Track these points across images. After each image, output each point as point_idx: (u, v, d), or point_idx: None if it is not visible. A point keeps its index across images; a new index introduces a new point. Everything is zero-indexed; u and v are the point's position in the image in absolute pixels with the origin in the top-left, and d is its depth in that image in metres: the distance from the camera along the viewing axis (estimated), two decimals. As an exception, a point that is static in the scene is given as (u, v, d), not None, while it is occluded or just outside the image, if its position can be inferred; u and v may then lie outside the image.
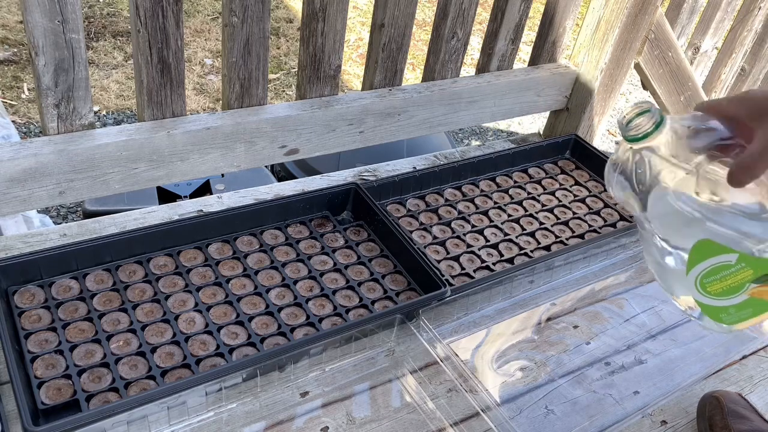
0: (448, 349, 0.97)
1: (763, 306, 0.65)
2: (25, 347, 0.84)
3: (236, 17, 1.06)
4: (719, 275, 0.63)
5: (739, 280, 0.63)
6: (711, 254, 0.63)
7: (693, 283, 0.65)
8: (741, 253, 0.61)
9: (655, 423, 0.94)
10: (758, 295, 0.63)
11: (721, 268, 0.63)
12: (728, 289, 0.64)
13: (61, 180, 1.02)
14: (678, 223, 0.63)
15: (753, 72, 1.85)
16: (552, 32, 1.48)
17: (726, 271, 0.63)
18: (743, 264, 0.62)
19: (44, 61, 0.94)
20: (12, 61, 2.77)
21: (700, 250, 0.63)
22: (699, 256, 0.63)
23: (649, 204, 0.64)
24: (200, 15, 3.35)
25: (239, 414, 0.85)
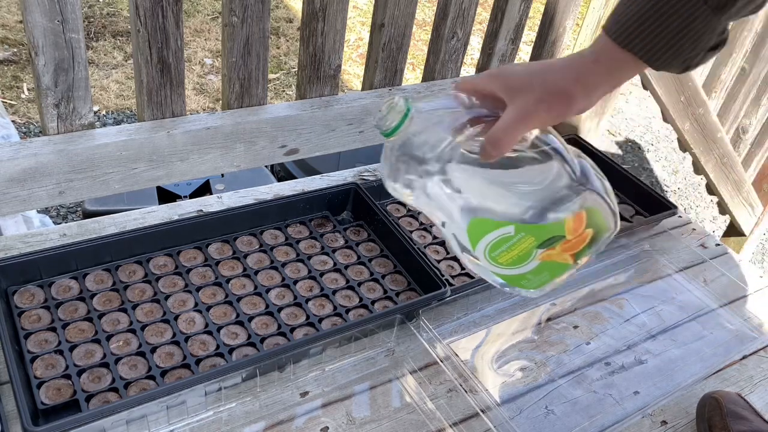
0: (448, 349, 0.97)
1: (558, 268, 0.66)
2: (24, 347, 0.84)
3: (236, 17, 1.06)
4: (504, 246, 0.64)
5: (525, 248, 0.64)
6: (488, 230, 0.64)
7: (484, 257, 0.66)
8: (515, 224, 0.63)
9: (655, 423, 0.93)
10: (548, 259, 0.65)
11: (504, 240, 0.64)
12: (518, 257, 0.65)
13: (60, 180, 1.02)
14: (448, 207, 0.64)
15: (753, 72, 1.85)
16: (552, 32, 1.48)
17: (509, 242, 0.64)
18: (522, 233, 0.63)
19: (44, 60, 0.94)
20: (12, 61, 2.77)
21: (476, 228, 0.64)
22: (477, 233, 0.64)
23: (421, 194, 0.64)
24: (200, 15, 3.35)
25: (239, 414, 0.85)
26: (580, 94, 0.59)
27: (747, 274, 1.24)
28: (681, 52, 0.57)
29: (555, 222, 0.63)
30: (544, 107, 0.58)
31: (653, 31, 0.56)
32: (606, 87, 0.60)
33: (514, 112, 0.59)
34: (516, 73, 0.61)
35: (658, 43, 0.56)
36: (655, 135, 3.41)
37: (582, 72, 0.59)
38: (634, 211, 1.30)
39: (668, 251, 1.25)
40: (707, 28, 0.56)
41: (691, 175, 3.13)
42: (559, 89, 0.58)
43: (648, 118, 3.53)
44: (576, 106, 0.60)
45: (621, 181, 1.35)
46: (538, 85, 0.59)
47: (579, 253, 0.65)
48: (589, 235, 0.64)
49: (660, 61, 0.57)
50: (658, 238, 1.28)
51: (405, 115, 0.61)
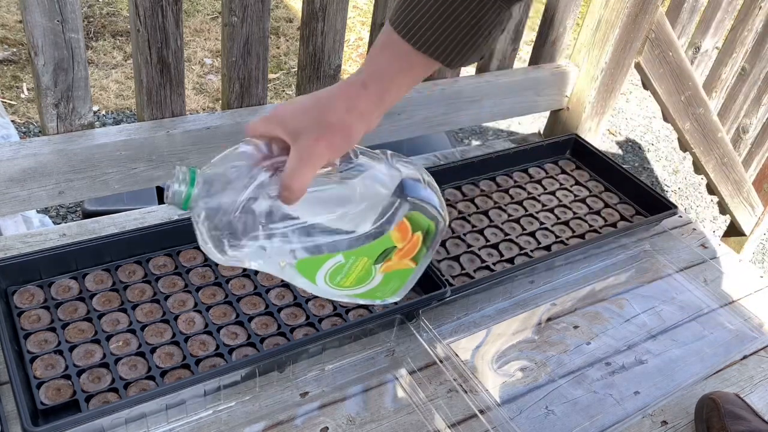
0: (448, 349, 0.97)
1: (403, 273, 0.67)
2: (24, 347, 0.84)
3: (236, 17, 1.06)
4: (342, 273, 0.65)
5: (363, 268, 0.65)
6: (319, 265, 0.64)
7: (328, 287, 0.67)
8: (343, 252, 0.63)
9: (655, 423, 0.93)
10: (389, 270, 0.66)
11: (339, 268, 0.65)
12: (360, 278, 0.66)
13: (60, 180, 1.02)
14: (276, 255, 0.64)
15: (753, 72, 1.85)
16: (552, 32, 1.48)
17: (344, 268, 0.65)
18: (353, 257, 0.64)
19: (43, 60, 0.94)
20: (11, 61, 2.77)
21: (307, 266, 0.65)
22: (310, 270, 0.65)
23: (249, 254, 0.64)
24: (200, 14, 3.35)
25: (239, 414, 0.85)
26: (356, 123, 0.59)
27: (747, 274, 1.24)
28: (476, 49, 0.58)
29: (381, 238, 0.63)
30: (324, 145, 0.58)
31: (445, 31, 0.56)
32: (380, 109, 0.60)
33: (297, 155, 0.58)
34: (291, 114, 0.60)
35: (451, 44, 0.56)
36: (655, 135, 3.41)
37: (352, 101, 0.58)
38: (634, 211, 1.30)
39: (668, 251, 1.25)
40: (498, 20, 0.57)
41: (691, 175, 3.13)
42: (334, 124, 0.58)
43: (648, 118, 3.53)
44: (356, 136, 0.60)
45: (621, 181, 1.35)
46: (314, 124, 0.58)
47: (417, 256, 0.66)
48: (420, 238, 0.65)
49: (456, 60, 0.58)
50: (658, 238, 1.28)
51: (191, 182, 0.61)
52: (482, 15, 0.56)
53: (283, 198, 0.59)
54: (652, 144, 3.34)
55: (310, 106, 0.59)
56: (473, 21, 0.56)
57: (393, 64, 0.59)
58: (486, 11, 0.56)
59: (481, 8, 0.55)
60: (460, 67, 0.60)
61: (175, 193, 0.60)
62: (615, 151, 3.21)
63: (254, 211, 0.60)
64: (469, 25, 0.56)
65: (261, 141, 0.62)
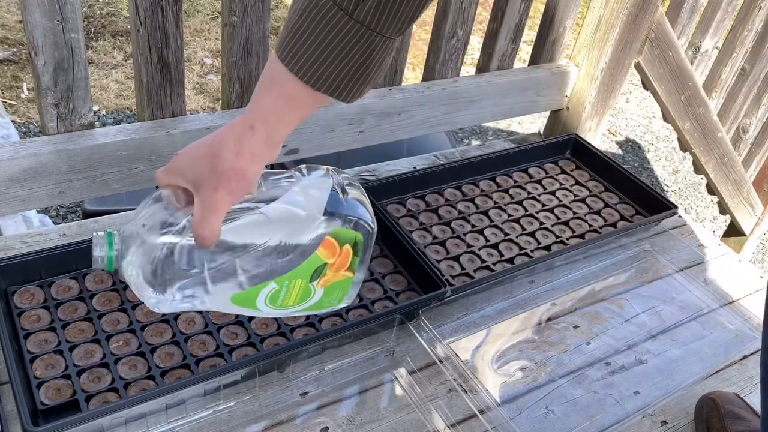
0: (448, 349, 0.97)
1: (343, 283, 0.68)
2: (24, 347, 0.84)
3: (236, 17, 1.06)
4: (281, 296, 0.66)
5: (301, 288, 0.66)
6: (254, 295, 0.65)
7: (272, 310, 0.68)
8: (274, 280, 0.64)
9: (655, 423, 0.93)
10: (328, 284, 0.67)
11: (275, 293, 0.66)
12: (301, 296, 0.67)
13: (60, 180, 1.02)
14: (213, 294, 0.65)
15: (753, 72, 1.85)
16: (552, 32, 1.48)
17: (281, 292, 0.66)
18: (287, 281, 0.65)
19: (44, 60, 0.94)
20: (11, 61, 2.77)
21: (243, 299, 0.66)
22: (248, 301, 0.66)
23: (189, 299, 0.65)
24: (200, 14, 3.35)
25: (239, 413, 0.85)
26: (249, 165, 0.59)
27: (747, 274, 1.24)
28: (370, 81, 0.58)
29: (309, 258, 0.64)
30: (223, 192, 0.58)
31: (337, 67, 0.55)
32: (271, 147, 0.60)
33: (200, 205, 0.59)
34: (189, 164, 0.60)
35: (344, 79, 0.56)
36: (655, 135, 3.41)
37: (241, 144, 0.58)
38: (634, 211, 1.30)
39: (668, 251, 1.25)
40: (388, 50, 0.57)
41: (691, 175, 3.13)
42: (227, 171, 0.58)
43: (648, 118, 3.53)
44: (253, 177, 0.60)
45: (621, 181, 1.35)
46: (210, 173, 0.58)
47: (351, 266, 0.67)
48: (349, 250, 0.66)
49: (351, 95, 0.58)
50: (658, 238, 1.28)
51: (110, 245, 0.62)
52: (372, 48, 0.55)
53: (199, 245, 0.61)
54: (652, 144, 3.34)
55: (204, 154, 0.59)
56: (364, 55, 0.55)
57: (279, 103, 0.58)
58: (376, 45, 0.55)
59: (370, 43, 0.55)
60: (356, 100, 0.59)
61: (97, 259, 0.63)
62: (615, 151, 3.21)
63: (175, 260, 0.62)
64: (361, 59, 0.55)
65: (170, 191, 0.64)
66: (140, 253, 0.62)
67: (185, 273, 0.63)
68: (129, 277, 0.64)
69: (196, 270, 0.63)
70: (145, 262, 0.62)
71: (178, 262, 0.62)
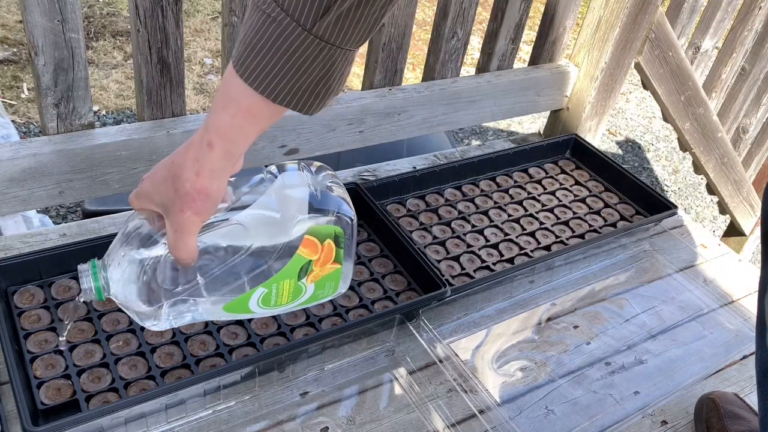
0: (448, 349, 0.97)
1: (332, 275, 0.69)
2: (24, 347, 0.84)
3: (236, 17, 1.06)
4: (272, 297, 0.67)
5: (291, 287, 0.67)
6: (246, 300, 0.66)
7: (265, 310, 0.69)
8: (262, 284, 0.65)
9: (655, 423, 0.93)
10: (317, 279, 0.68)
11: (267, 296, 0.66)
12: (293, 294, 0.68)
13: (60, 180, 1.02)
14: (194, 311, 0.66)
15: (753, 72, 1.85)
16: (552, 32, 1.48)
17: (272, 294, 0.67)
18: (275, 284, 0.66)
19: (44, 60, 0.94)
20: (11, 61, 2.77)
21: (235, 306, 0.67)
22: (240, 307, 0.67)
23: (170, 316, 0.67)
24: (200, 15, 3.35)
25: (239, 413, 0.85)
26: (211, 183, 0.59)
27: (747, 274, 1.24)
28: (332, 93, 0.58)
29: (292, 259, 0.65)
30: (190, 213, 0.58)
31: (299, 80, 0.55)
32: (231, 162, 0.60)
33: (170, 228, 0.60)
34: (154, 188, 0.61)
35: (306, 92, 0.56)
36: (655, 135, 3.41)
37: (201, 163, 0.58)
38: (634, 211, 1.30)
39: (668, 251, 1.25)
40: (348, 60, 0.57)
41: (691, 175, 3.13)
42: (190, 192, 0.58)
43: (648, 118, 3.53)
44: (217, 194, 0.60)
45: (621, 181, 1.35)
46: (174, 196, 0.59)
47: (337, 258, 0.68)
48: (331, 244, 0.67)
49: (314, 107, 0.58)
50: (658, 238, 1.28)
51: (95, 276, 0.63)
52: (333, 61, 0.55)
53: (180, 264, 0.62)
54: (652, 144, 3.34)
55: (164, 177, 0.59)
56: (325, 68, 0.55)
57: (237, 118, 0.57)
58: (336, 58, 0.55)
59: (330, 56, 0.55)
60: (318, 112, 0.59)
61: (86, 291, 0.64)
62: (615, 151, 3.21)
63: (160, 281, 0.63)
64: (321, 72, 0.55)
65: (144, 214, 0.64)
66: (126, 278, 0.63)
67: (171, 292, 0.64)
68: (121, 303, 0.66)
69: (181, 288, 0.64)
70: (132, 286, 0.63)
71: (163, 282, 0.63)
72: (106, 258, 0.64)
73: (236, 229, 0.63)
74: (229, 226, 0.63)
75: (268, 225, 0.64)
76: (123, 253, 0.63)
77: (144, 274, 0.62)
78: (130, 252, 0.63)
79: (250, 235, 0.63)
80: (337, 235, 0.66)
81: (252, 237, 0.63)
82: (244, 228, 0.63)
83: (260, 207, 0.64)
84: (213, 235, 0.63)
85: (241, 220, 0.63)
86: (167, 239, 0.60)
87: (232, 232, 0.63)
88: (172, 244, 0.60)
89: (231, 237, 0.63)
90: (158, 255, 0.62)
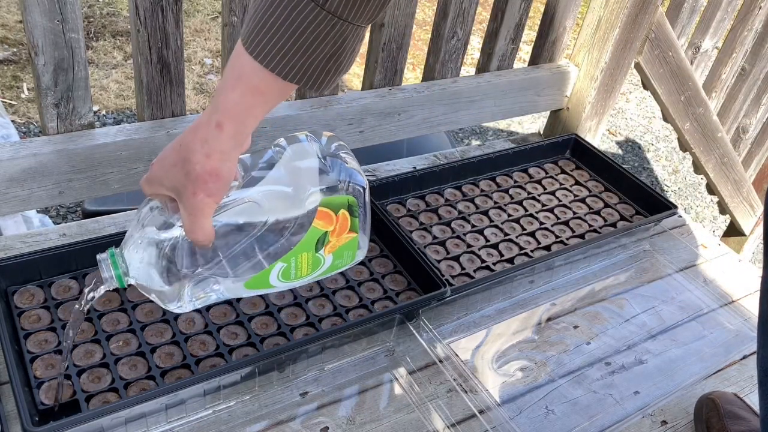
0: (448, 349, 0.97)
1: (350, 245, 0.69)
2: (24, 347, 0.84)
3: (236, 17, 1.06)
4: (292, 271, 0.67)
5: (309, 259, 0.67)
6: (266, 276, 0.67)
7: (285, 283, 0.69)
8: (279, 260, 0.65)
9: (655, 423, 0.93)
10: (334, 249, 0.68)
11: (286, 270, 0.67)
12: (312, 265, 0.68)
13: (60, 180, 1.02)
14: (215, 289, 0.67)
15: (753, 72, 1.85)
16: (552, 32, 1.48)
17: (291, 268, 0.67)
18: (293, 257, 0.66)
19: (44, 60, 0.94)
20: (11, 61, 2.77)
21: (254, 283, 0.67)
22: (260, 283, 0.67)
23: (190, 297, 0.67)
24: (200, 14, 3.35)
25: (239, 413, 0.85)
26: (221, 164, 0.59)
27: (747, 274, 1.24)
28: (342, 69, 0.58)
29: (308, 232, 0.65)
30: (202, 196, 0.58)
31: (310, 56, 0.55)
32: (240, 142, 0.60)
33: (186, 212, 0.60)
34: (164, 172, 0.60)
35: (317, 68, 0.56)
36: (655, 135, 3.41)
37: (210, 145, 0.58)
38: (634, 211, 1.30)
39: (668, 251, 1.25)
40: (359, 37, 0.57)
41: (691, 175, 3.13)
42: (201, 174, 0.58)
43: (648, 118, 3.53)
44: (228, 174, 0.60)
45: (621, 181, 1.35)
46: (185, 178, 0.59)
47: (353, 227, 0.68)
48: (345, 213, 0.67)
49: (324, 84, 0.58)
50: (658, 238, 1.28)
51: (114, 265, 0.64)
52: (345, 37, 0.55)
53: (197, 246, 0.62)
54: (652, 144, 3.34)
55: (174, 161, 0.59)
56: (336, 44, 0.55)
57: (247, 97, 0.57)
58: (348, 34, 0.55)
59: (342, 32, 0.55)
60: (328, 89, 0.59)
61: (108, 280, 0.64)
62: (615, 151, 3.21)
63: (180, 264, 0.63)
64: (333, 48, 0.55)
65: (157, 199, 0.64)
66: (146, 263, 0.63)
67: (192, 274, 0.64)
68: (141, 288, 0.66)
69: (201, 269, 0.64)
70: (152, 270, 0.63)
71: (183, 265, 0.63)
72: (123, 245, 0.64)
73: (250, 206, 0.63)
74: (243, 204, 0.63)
75: (281, 200, 0.64)
76: (140, 238, 0.63)
77: (164, 257, 0.62)
78: (147, 235, 0.63)
79: (264, 211, 0.63)
80: (351, 204, 0.66)
81: (266, 213, 0.63)
82: (257, 205, 0.63)
83: (272, 182, 0.64)
84: (228, 215, 0.62)
85: (254, 197, 0.63)
86: (183, 223, 0.60)
87: (247, 210, 0.63)
88: (187, 227, 0.60)
89: (246, 215, 0.63)
90: (176, 236, 0.62)
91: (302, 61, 0.55)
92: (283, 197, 0.64)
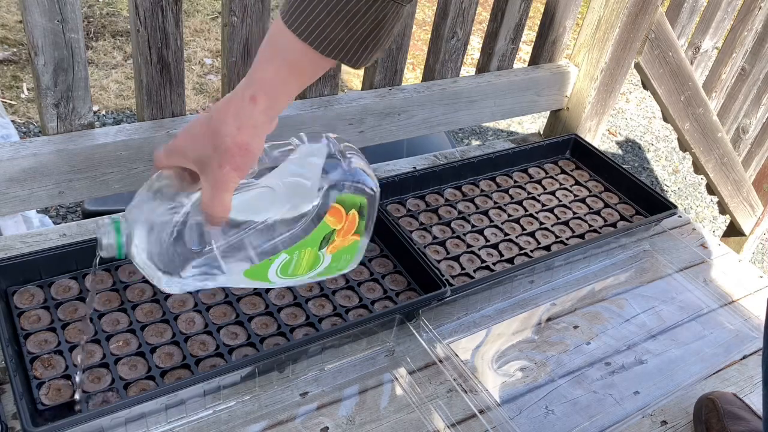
0: (448, 349, 0.97)
1: (351, 247, 0.70)
2: (24, 347, 0.84)
3: (236, 17, 1.06)
4: (292, 266, 0.67)
5: (311, 256, 0.67)
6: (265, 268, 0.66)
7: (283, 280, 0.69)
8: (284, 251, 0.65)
9: (655, 423, 0.93)
10: (336, 250, 0.68)
11: (287, 264, 0.66)
12: (311, 264, 0.68)
13: (60, 180, 1.02)
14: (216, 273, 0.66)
15: (753, 72, 1.85)
16: (552, 32, 1.48)
17: (292, 262, 0.67)
18: (297, 251, 0.66)
19: (44, 60, 0.94)
20: (11, 61, 2.77)
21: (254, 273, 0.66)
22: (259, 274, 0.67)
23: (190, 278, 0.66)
24: (200, 14, 3.35)
25: (238, 414, 0.85)
26: (252, 139, 0.58)
27: (747, 274, 1.24)
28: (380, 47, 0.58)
29: (318, 227, 0.65)
30: (229, 169, 0.58)
31: (349, 32, 0.55)
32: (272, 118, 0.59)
33: (207, 183, 0.59)
34: (191, 143, 0.60)
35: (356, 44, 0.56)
36: (655, 135, 3.41)
37: (242, 118, 0.58)
38: (634, 211, 1.30)
39: (668, 251, 1.25)
40: (398, 16, 0.57)
41: (691, 175, 3.13)
42: (231, 147, 0.57)
43: (648, 118, 3.53)
44: (256, 150, 0.59)
45: (621, 181, 1.35)
46: (213, 151, 0.58)
47: (358, 230, 0.68)
48: (355, 214, 0.67)
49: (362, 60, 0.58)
50: (658, 238, 1.28)
51: (117, 232, 0.62)
52: (385, 14, 0.55)
53: (210, 223, 0.61)
54: (652, 144, 3.34)
55: (204, 132, 0.59)
56: (376, 20, 0.55)
57: (282, 71, 0.57)
58: (388, 10, 0.55)
59: (382, 9, 0.55)
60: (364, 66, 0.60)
61: (106, 247, 0.63)
62: (615, 151, 3.21)
63: (185, 241, 0.62)
64: (372, 24, 0.55)
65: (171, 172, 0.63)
66: (148, 237, 0.62)
67: (196, 252, 0.63)
68: (139, 262, 0.64)
69: (207, 248, 0.63)
70: (154, 245, 0.62)
71: (188, 243, 0.62)
72: (128, 214, 0.63)
73: (266, 193, 0.63)
74: (258, 189, 0.62)
75: (296, 191, 0.63)
76: (146, 213, 0.62)
77: (168, 235, 0.61)
78: (153, 212, 0.62)
79: (278, 200, 0.63)
80: (362, 206, 0.67)
81: (280, 202, 0.63)
82: (273, 192, 0.63)
83: (289, 173, 0.63)
84: (243, 197, 0.62)
85: (272, 184, 0.63)
86: (203, 196, 0.59)
87: (262, 196, 0.63)
88: (207, 200, 0.59)
89: (260, 200, 0.63)
90: (185, 213, 0.61)
91: (341, 36, 0.55)
92: (299, 189, 0.63)
